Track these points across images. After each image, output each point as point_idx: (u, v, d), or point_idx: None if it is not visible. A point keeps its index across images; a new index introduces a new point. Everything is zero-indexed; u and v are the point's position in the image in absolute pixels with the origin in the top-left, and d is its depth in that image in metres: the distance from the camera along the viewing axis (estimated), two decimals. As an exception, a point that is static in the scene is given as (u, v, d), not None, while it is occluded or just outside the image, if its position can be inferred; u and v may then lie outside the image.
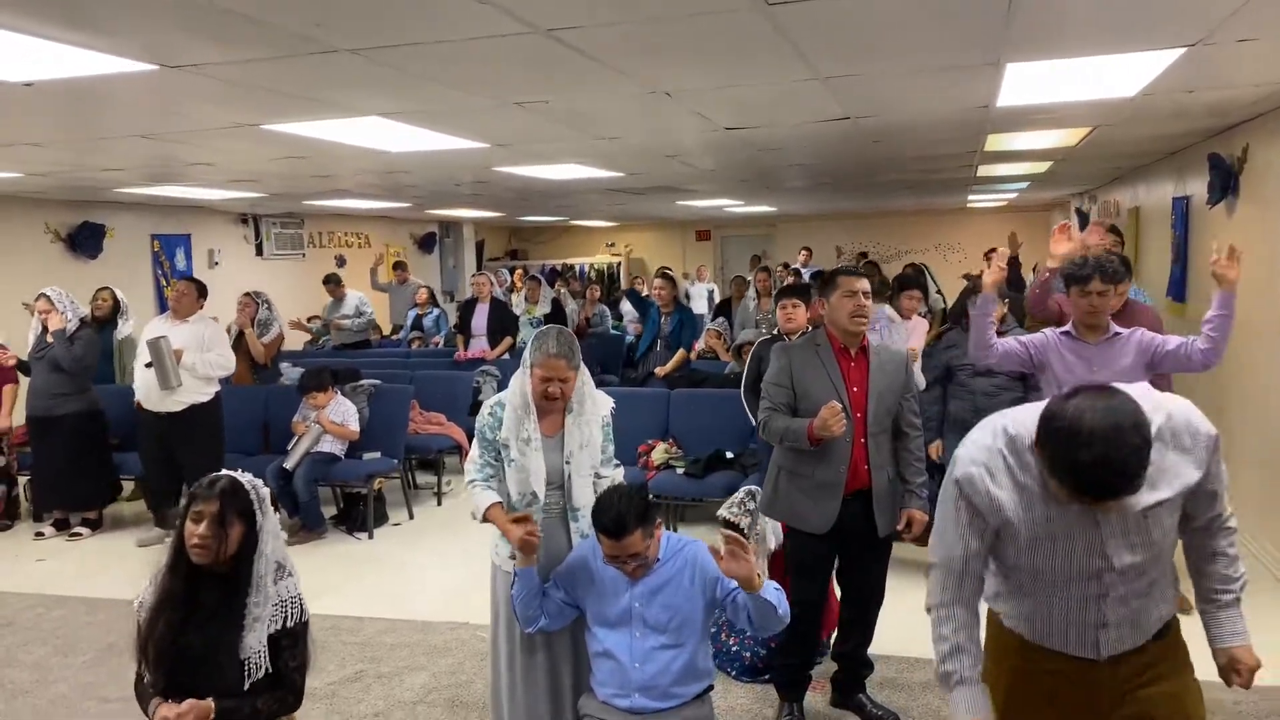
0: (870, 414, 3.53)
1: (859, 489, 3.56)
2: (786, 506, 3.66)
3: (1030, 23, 3.19)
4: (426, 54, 3.33)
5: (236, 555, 2.40)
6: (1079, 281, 3.70)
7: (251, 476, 2.50)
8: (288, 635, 2.47)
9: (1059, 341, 3.80)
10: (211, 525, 2.36)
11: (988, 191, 12.31)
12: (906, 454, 3.69)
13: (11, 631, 5.02)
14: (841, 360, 3.56)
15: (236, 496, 2.40)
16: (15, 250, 8.26)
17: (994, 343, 3.84)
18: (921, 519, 3.69)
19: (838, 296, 3.50)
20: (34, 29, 2.85)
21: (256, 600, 2.42)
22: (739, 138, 5.84)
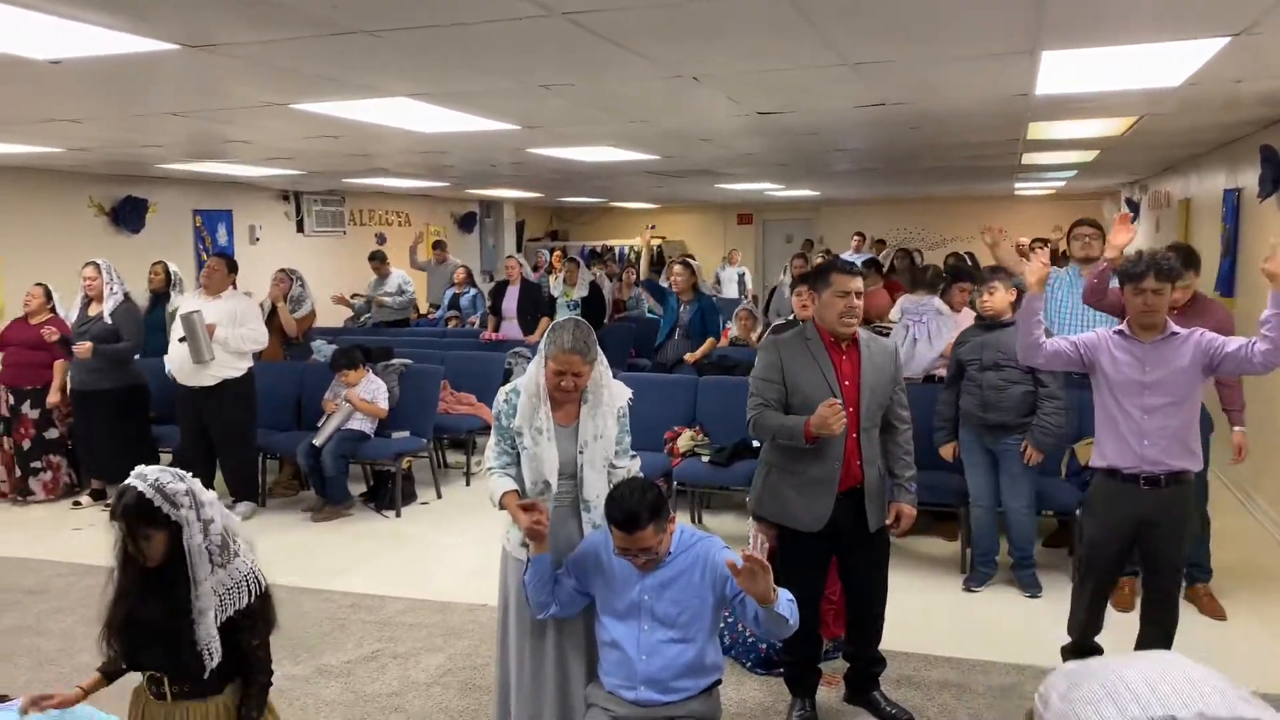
0: (863, 408, 3.46)
1: (852, 486, 3.50)
2: (777, 505, 3.59)
3: (1063, 10, 3.08)
4: (444, 36, 3.31)
5: (170, 551, 2.41)
6: (1133, 279, 3.53)
7: (157, 475, 2.43)
8: (246, 615, 2.48)
9: (1111, 340, 3.65)
10: (131, 542, 2.38)
11: (1034, 179, 12.05)
12: (895, 447, 3.63)
13: (43, 599, 5.13)
14: (833, 353, 3.48)
15: (141, 510, 2.36)
16: (59, 224, 8.40)
17: (1042, 342, 3.69)
18: (910, 514, 3.62)
19: (829, 294, 3.42)
20: (57, 9, 2.87)
21: (198, 594, 2.41)
22: (773, 122, 5.75)
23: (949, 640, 4.43)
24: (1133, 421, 3.57)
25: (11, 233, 7.97)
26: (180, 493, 2.41)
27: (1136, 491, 3.60)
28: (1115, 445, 3.62)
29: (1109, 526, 3.71)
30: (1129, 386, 3.58)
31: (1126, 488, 3.62)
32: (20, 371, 6.87)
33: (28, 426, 6.91)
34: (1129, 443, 3.58)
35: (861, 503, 3.51)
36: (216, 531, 2.47)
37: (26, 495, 6.95)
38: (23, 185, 8.01)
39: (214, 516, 2.47)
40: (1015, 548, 5.02)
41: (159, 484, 2.40)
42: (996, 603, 4.93)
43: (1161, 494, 3.58)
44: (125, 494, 2.39)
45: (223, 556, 2.47)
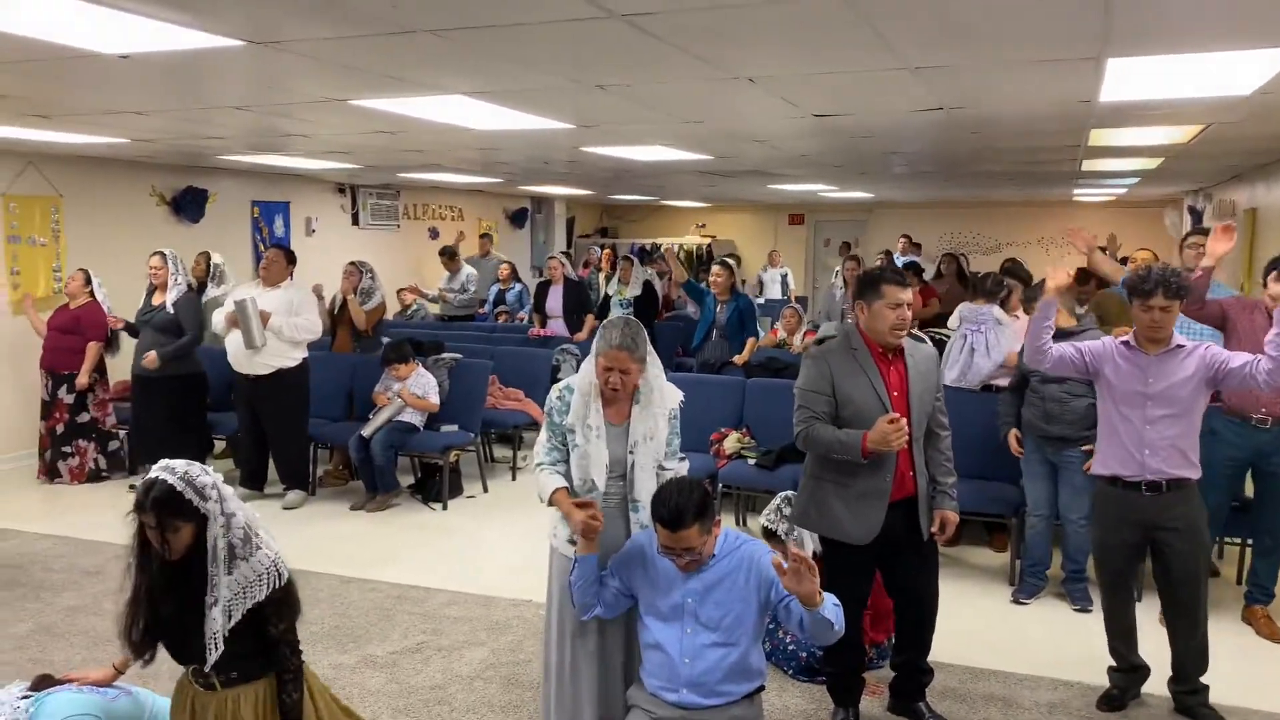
0: (913, 418, 3.43)
1: (904, 496, 3.47)
2: (825, 518, 3.54)
3: (1131, 18, 3.02)
4: (503, 36, 3.33)
5: (194, 547, 2.44)
6: (1141, 295, 3.56)
7: (186, 468, 2.45)
8: (270, 604, 2.50)
9: (1116, 350, 3.70)
10: (157, 536, 2.40)
11: (1094, 186, 11.83)
12: (937, 454, 3.61)
13: (99, 580, 5.25)
14: (880, 364, 3.45)
15: (171, 503, 2.39)
16: (123, 213, 8.58)
17: (1048, 348, 3.73)
18: (953, 519, 3.60)
19: (881, 305, 3.39)
20: (129, 5, 2.93)
21: (214, 586, 2.44)
22: (828, 124, 5.71)
23: (996, 653, 4.37)
24: (1134, 431, 3.65)
25: (76, 220, 8.16)
26: (208, 485, 2.45)
27: (1139, 498, 3.67)
28: (1118, 454, 3.70)
29: (1115, 532, 3.78)
30: (1132, 397, 3.65)
31: (1129, 494, 3.69)
32: (58, 356, 7.03)
33: (62, 411, 7.08)
34: (1130, 451, 3.66)
35: (914, 512, 3.49)
36: (239, 525, 2.49)
37: (54, 478, 7.11)
38: (88, 174, 8.20)
39: (235, 510, 2.50)
40: (1069, 560, 4.94)
41: (188, 476, 2.43)
42: (1045, 616, 4.86)
43: (1164, 498, 3.65)
44: (154, 486, 2.39)
45: (246, 549, 2.49)
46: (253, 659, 2.55)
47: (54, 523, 6.19)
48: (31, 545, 5.77)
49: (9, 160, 7.55)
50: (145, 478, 2.46)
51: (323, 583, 5.15)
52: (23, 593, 5.05)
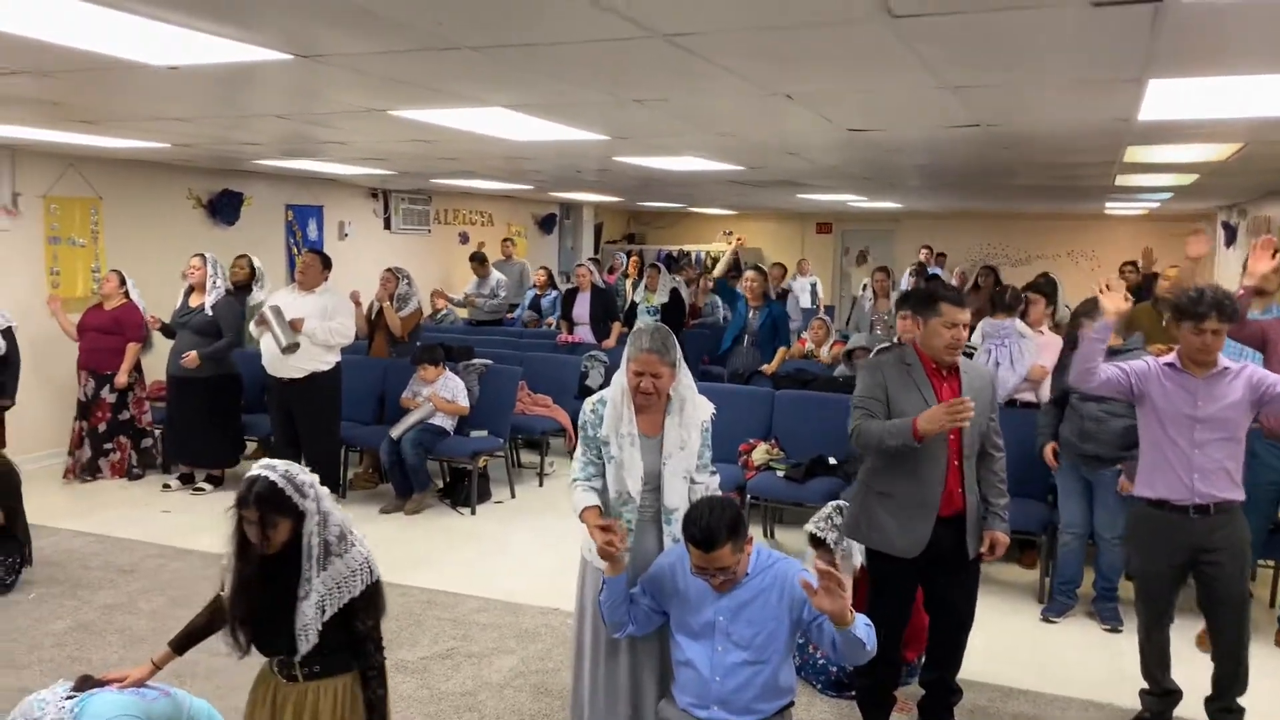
0: (966, 437, 3.44)
1: (953, 512, 3.47)
2: (873, 531, 3.56)
3: (1177, 41, 3.02)
4: (547, 54, 3.36)
5: (293, 540, 2.55)
6: (1194, 318, 3.48)
7: (287, 467, 2.56)
8: (361, 599, 2.61)
9: (1161, 372, 3.63)
10: (258, 530, 2.51)
11: (1126, 200, 11.74)
12: (991, 475, 3.61)
13: (134, 578, 5.33)
14: (934, 380, 3.47)
15: (272, 499, 2.50)
16: (160, 215, 8.70)
17: (1097, 368, 3.66)
18: (1004, 540, 3.60)
19: (937, 323, 3.40)
20: (177, 19, 2.99)
21: (306, 579, 2.55)
22: (863, 138, 5.71)
23: (1025, 671, 4.36)
24: (1181, 454, 3.59)
25: (115, 222, 8.28)
26: (306, 484, 2.57)
27: (1186, 521, 3.62)
28: (1164, 478, 3.64)
29: (1161, 558, 3.72)
30: (1180, 420, 3.59)
31: (1176, 518, 3.63)
32: (99, 356, 7.13)
33: (105, 410, 7.18)
34: (1179, 475, 3.60)
35: (962, 529, 3.49)
36: (335, 523, 2.61)
37: (95, 474, 7.22)
38: (127, 176, 8.32)
39: (331, 509, 2.62)
40: (1102, 578, 4.92)
41: (289, 474, 2.55)
42: (1075, 635, 4.84)
43: (1212, 520, 3.60)
44: (256, 483, 2.51)
45: (340, 546, 2.61)
46: (337, 654, 2.64)
47: (88, 520, 6.28)
48: (68, 542, 5.86)
49: (50, 162, 7.68)
50: (246, 474, 2.57)
51: None
52: (60, 590, 5.13)
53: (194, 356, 6.72)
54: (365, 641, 2.66)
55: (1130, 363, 3.75)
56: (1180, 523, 3.62)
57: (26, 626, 4.67)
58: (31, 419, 7.54)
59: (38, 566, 5.34)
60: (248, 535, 2.54)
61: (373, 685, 2.68)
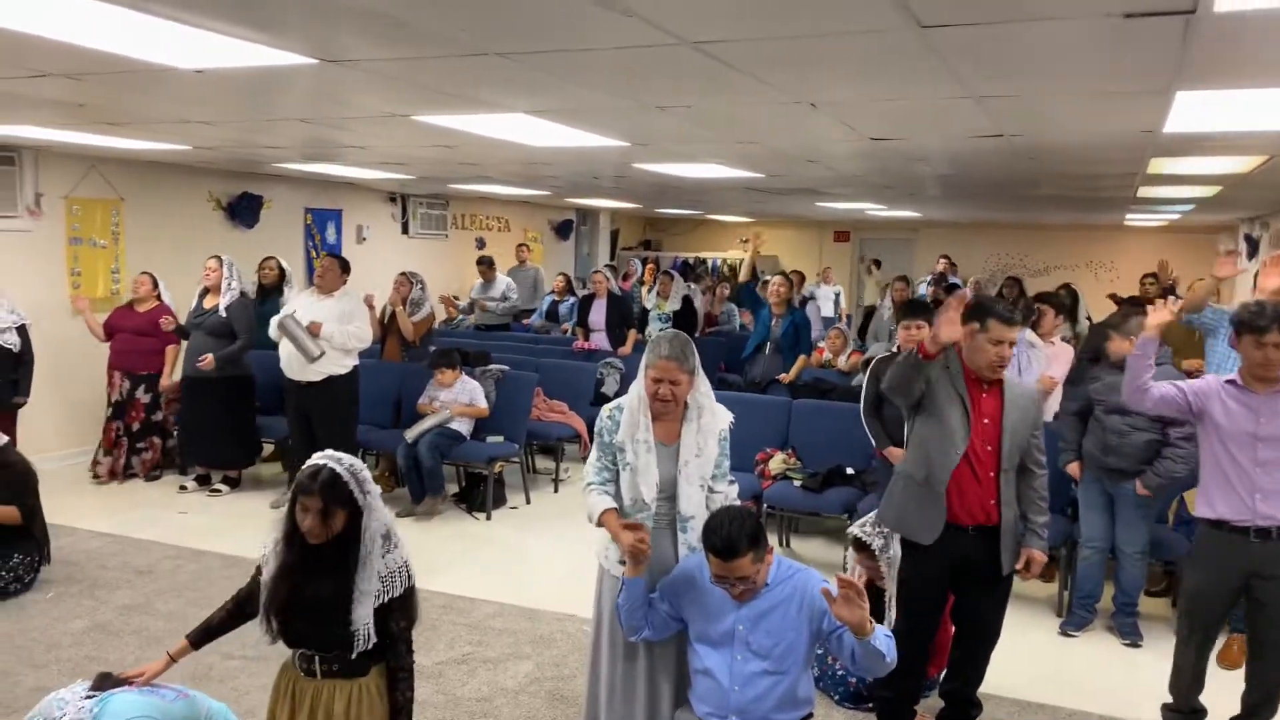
0: (1005, 450, 3.44)
1: (986, 525, 3.46)
2: (899, 515, 3.65)
3: (1207, 52, 2.99)
4: (573, 60, 3.36)
5: (344, 533, 2.58)
6: (1255, 331, 3.41)
7: (351, 460, 2.62)
8: (397, 601, 2.65)
9: (1223, 389, 3.55)
10: (316, 518, 2.53)
11: (1148, 211, 11.67)
12: (1031, 492, 3.60)
13: (151, 579, 5.35)
14: (973, 389, 3.48)
15: (336, 488, 2.54)
16: (180, 216, 8.75)
17: (1150, 387, 3.61)
18: (1041, 559, 3.58)
19: (984, 339, 3.40)
20: (206, 23, 3.00)
21: (364, 576, 2.58)
22: (885, 147, 5.70)
23: (1043, 686, 4.32)
24: (1244, 474, 3.50)
25: (136, 223, 8.33)
26: (368, 480, 2.62)
27: (1246, 544, 3.53)
28: (1225, 497, 3.55)
29: (1215, 579, 3.64)
30: (1242, 438, 3.50)
31: (1235, 539, 3.55)
32: (134, 357, 7.16)
33: (139, 410, 7.21)
34: (1240, 495, 3.51)
35: (995, 543, 3.48)
36: (383, 522, 2.65)
37: (128, 474, 7.26)
38: (148, 178, 8.37)
39: (379, 507, 2.65)
40: (1122, 593, 4.88)
41: (353, 468, 2.60)
42: (1094, 649, 4.80)
43: (1273, 546, 3.51)
44: (322, 471, 2.55)
45: (385, 546, 2.64)
46: (359, 655, 2.64)
47: (107, 520, 6.31)
48: (87, 543, 5.88)
49: (73, 164, 7.74)
50: (307, 464, 2.60)
51: None
52: (78, 590, 5.15)
53: (210, 360, 6.75)
54: (398, 643, 2.68)
55: (1189, 381, 3.68)
56: (1239, 544, 3.54)
57: (45, 626, 4.69)
58: (52, 418, 7.60)
59: (56, 566, 5.36)
60: (299, 523, 2.56)
61: (401, 687, 2.70)
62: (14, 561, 4.99)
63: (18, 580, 5.01)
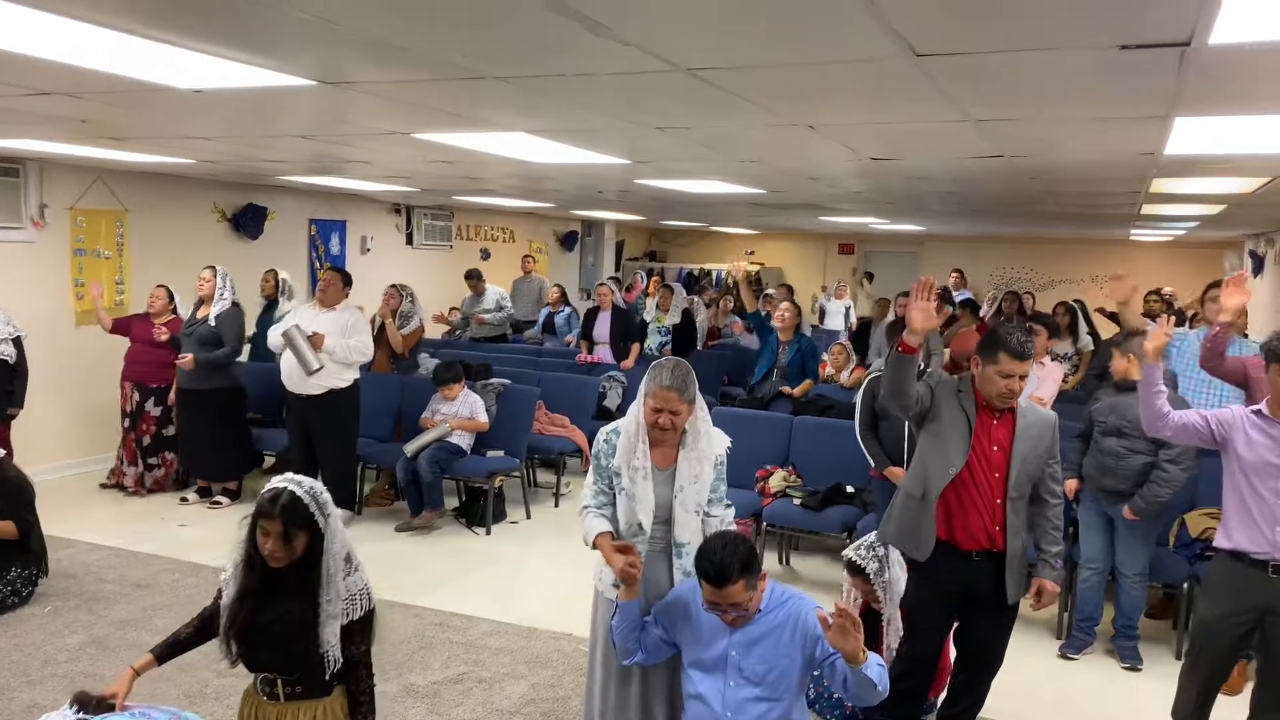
0: (1012, 478, 3.43)
1: (992, 551, 3.44)
2: (895, 528, 3.67)
3: (1203, 83, 2.99)
4: (571, 85, 3.37)
5: (305, 556, 2.58)
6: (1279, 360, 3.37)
7: (311, 483, 2.61)
8: (357, 624, 2.65)
9: (1247, 419, 3.49)
10: (277, 540, 2.53)
11: (1152, 227, 11.65)
12: (1044, 521, 3.58)
13: (149, 594, 5.34)
14: (984, 414, 3.47)
15: (296, 510, 2.53)
16: (185, 228, 8.77)
17: (1168, 413, 3.56)
18: (1053, 590, 3.56)
19: (993, 370, 3.39)
20: (204, 48, 3.01)
21: (329, 598, 2.58)
22: (886, 166, 5.70)
23: (1042, 709, 4.30)
24: (1266, 506, 3.44)
25: (140, 234, 8.35)
26: (328, 503, 2.61)
27: (1264, 578, 3.46)
28: (1245, 529, 3.49)
29: (1229, 611, 3.56)
30: (1265, 470, 3.44)
31: (1254, 573, 3.48)
32: (145, 369, 7.18)
33: (150, 423, 7.22)
34: (1261, 528, 3.45)
35: (1001, 570, 3.46)
36: (344, 544, 2.64)
37: (142, 487, 7.27)
38: (153, 189, 8.40)
39: (339, 528, 2.64)
40: (1121, 616, 4.85)
41: (313, 491, 2.59)
42: (1094, 672, 4.77)
43: None
44: (282, 494, 2.54)
45: (346, 568, 2.64)
46: (320, 677, 2.64)
47: (107, 533, 6.31)
48: (86, 555, 5.89)
49: (78, 175, 7.76)
50: (266, 487, 2.59)
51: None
52: (76, 604, 5.15)
53: (190, 359, 6.74)
54: (358, 666, 2.68)
55: (1215, 410, 3.63)
56: (1257, 578, 3.47)
57: (41, 641, 4.69)
58: (54, 428, 7.62)
59: (54, 579, 5.37)
60: (260, 546, 2.55)
61: (362, 710, 2.70)
62: (11, 575, 5.00)
63: (15, 594, 5.02)
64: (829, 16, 2.39)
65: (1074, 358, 8.37)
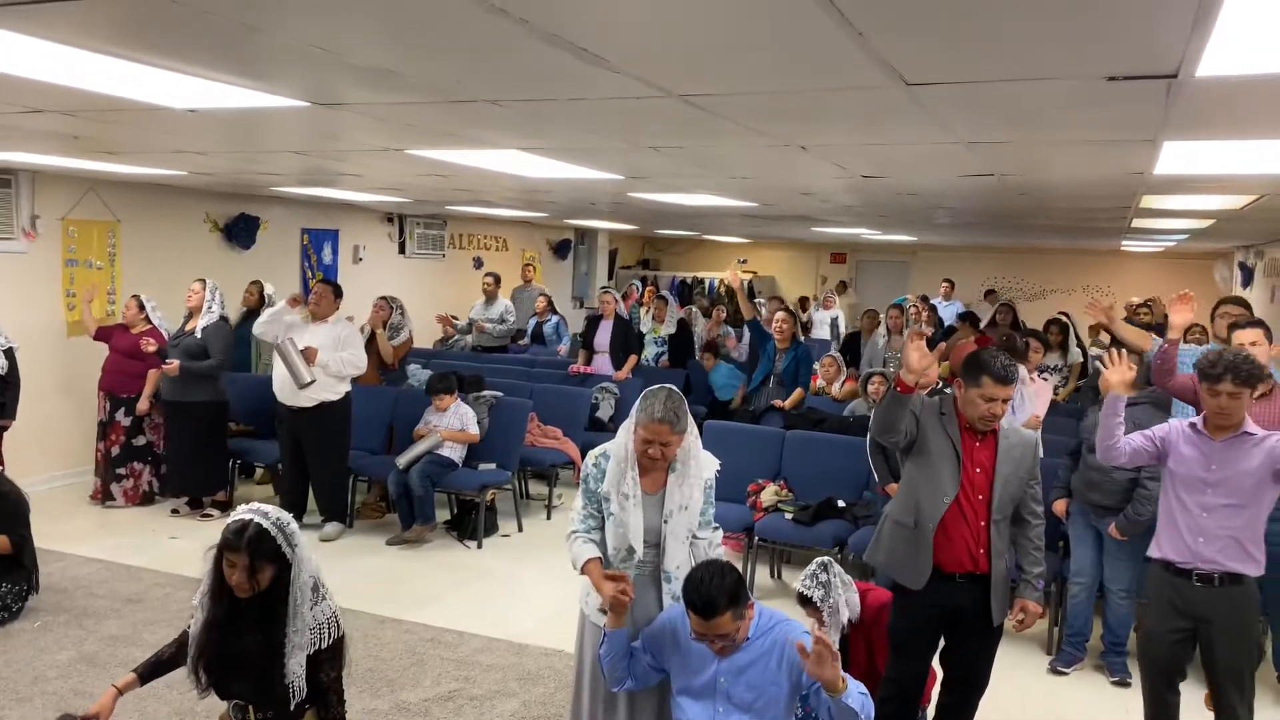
0: (995, 500, 3.44)
1: (976, 573, 3.46)
2: (890, 559, 3.65)
3: (1190, 111, 3.01)
4: (563, 108, 3.39)
5: (272, 587, 2.58)
6: (1209, 379, 3.44)
7: (278, 514, 2.61)
8: (326, 652, 2.65)
9: (1183, 433, 3.59)
10: (243, 573, 2.53)
11: (1143, 239, 11.71)
12: (1026, 542, 3.60)
13: (140, 609, 5.33)
14: (966, 436, 3.47)
15: (262, 543, 2.53)
16: (177, 238, 8.76)
17: (1120, 444, 3.64)
18: (1036, 610, 3.58)
19: (975, 393, 3.39)
20: (197, 72, 3.02)
21: (295, 628, 2.58)
22: (877, 183, 5.73)
23: (1031, 729, 4.32)
24: (1191, 517, 3.53)
25: (133, 245, 8.34)
26: (295, 533, 2.61)
27: (1189, 587, 3.56)
28: (1171, 539, 3.59)
29: (1162, 619, 3.66)
30: (1191, 482, 3.54)
31: (1179, 582, 3.58)
32: (118, 379, 7.16)
33: (119, 433, 7.19)
34: (1184, 538, 3.55)
35: (985, 592, 3.47)
36: (311, 574, 2.63)
37: (107, 500, 7.22)
38: (145, 199, 8.39)
39: (308, 557, 2.65)
40: (1109, 631, 4.88)
41: (280, 522, 2.59)
42: (1084, 688, 4.79)
43: (1215, 592, 3.52)
44: (248, 528, 2.54)
45: (314, 598, 2.64)
46: (288, 705, 2.63)
47: (99, 546, 6.30)
48: (78, 569, 5.87)
49: (70, 185, 7.75)
50: (233, 517, 2.60)
51: (359, 621, 5.18)
52: (66, 619, 5.13)
53: (176, 365, 6.73)
54: (329, 693, 2.69)
55: (1157, 427, 3.70)
56: (1182, 587, 3.56)
57: (30, 657, 4.67)
58: (45, 440, 7.60)
59: (45, 594, 5.35)
60: (226, 578, 2.55)
61: None
62: (2, 590, 4.98)
63: (5, 609, 5.00)
64: (818, 47, 2.40)
65: (1064, 370, 8.42)
